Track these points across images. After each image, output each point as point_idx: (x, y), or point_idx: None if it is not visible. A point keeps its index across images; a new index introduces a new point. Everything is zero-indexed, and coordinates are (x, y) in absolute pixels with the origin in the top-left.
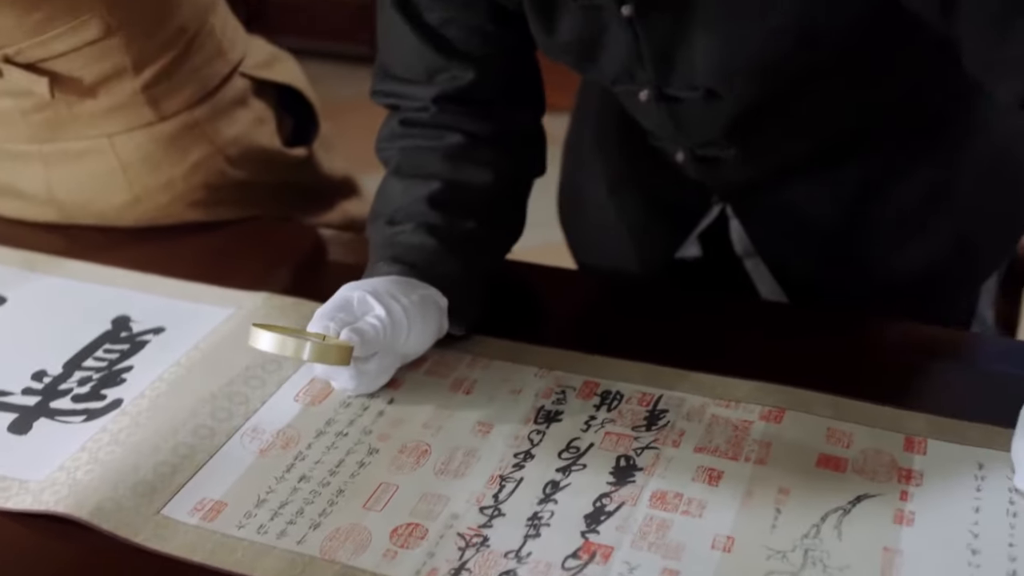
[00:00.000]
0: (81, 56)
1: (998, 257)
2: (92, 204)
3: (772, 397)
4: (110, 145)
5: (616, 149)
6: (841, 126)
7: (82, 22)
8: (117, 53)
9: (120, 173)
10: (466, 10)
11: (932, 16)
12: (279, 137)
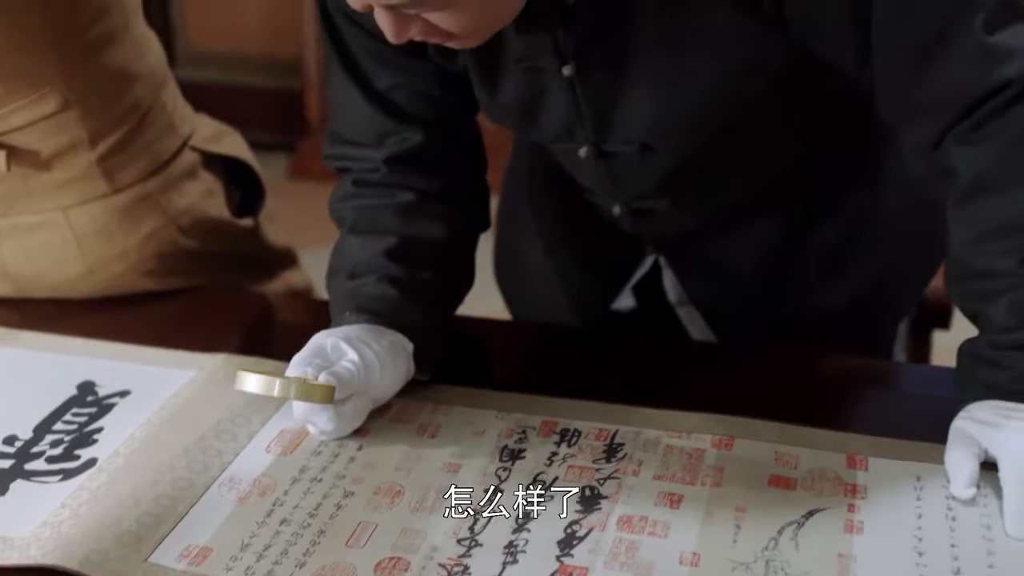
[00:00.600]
0: (38, 129)
1: (913, 296)
2: (46, 276)
3: (721, 427)
4: (64, 217)
5: (549, 209)
6: (765, 175)
7: (41, 96)
8: (74, 126)
9: (74, 245)
10: (413, 76)
11: (848, 67)
12: (227, 208)
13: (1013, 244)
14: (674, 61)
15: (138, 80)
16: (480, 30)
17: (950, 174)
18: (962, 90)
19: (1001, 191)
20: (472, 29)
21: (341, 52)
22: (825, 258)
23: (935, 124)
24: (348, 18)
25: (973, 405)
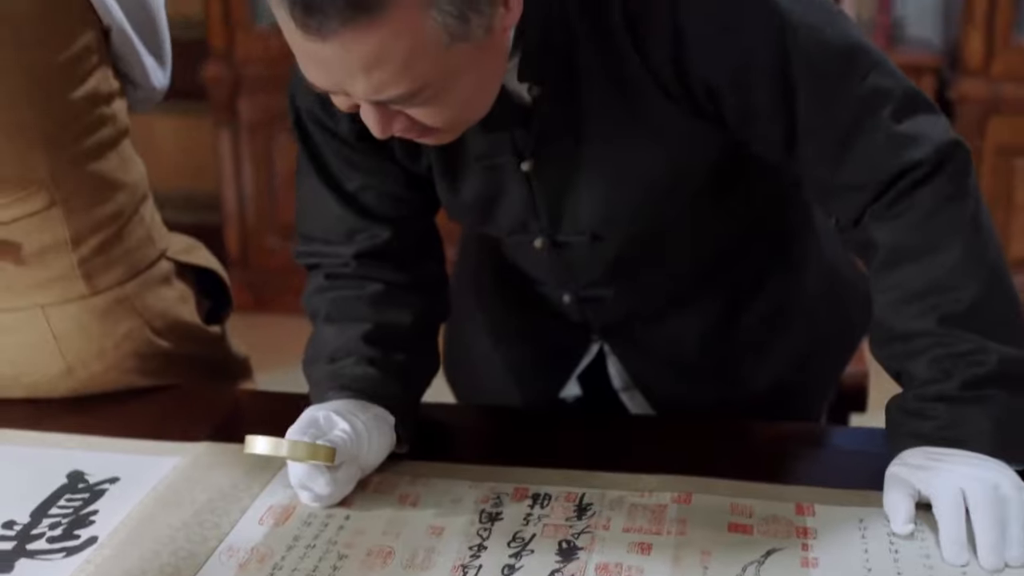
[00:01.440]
0: (24, 226)
1: (832, 380)
2: (25, 376)
3: (679, 485)
4: (43, 316)
5: (498, 304)
6: (700, 263)
7: (29, 193)
8: (58, 226)
9: (53, 343)
10: (381, 178)
11: (776, 156)
12: (198, 315)
13: (929, 305)
14: (621, 156)
15: (122, 190)
16: (456, 126)
17: (870, 247)
18: (876, 173)
19: (915, 260)
20: (450, 124)
21: (313, 157)
22: (753, 340)
23: (855, 203)
24: (320, 126)
25: (904, 452)
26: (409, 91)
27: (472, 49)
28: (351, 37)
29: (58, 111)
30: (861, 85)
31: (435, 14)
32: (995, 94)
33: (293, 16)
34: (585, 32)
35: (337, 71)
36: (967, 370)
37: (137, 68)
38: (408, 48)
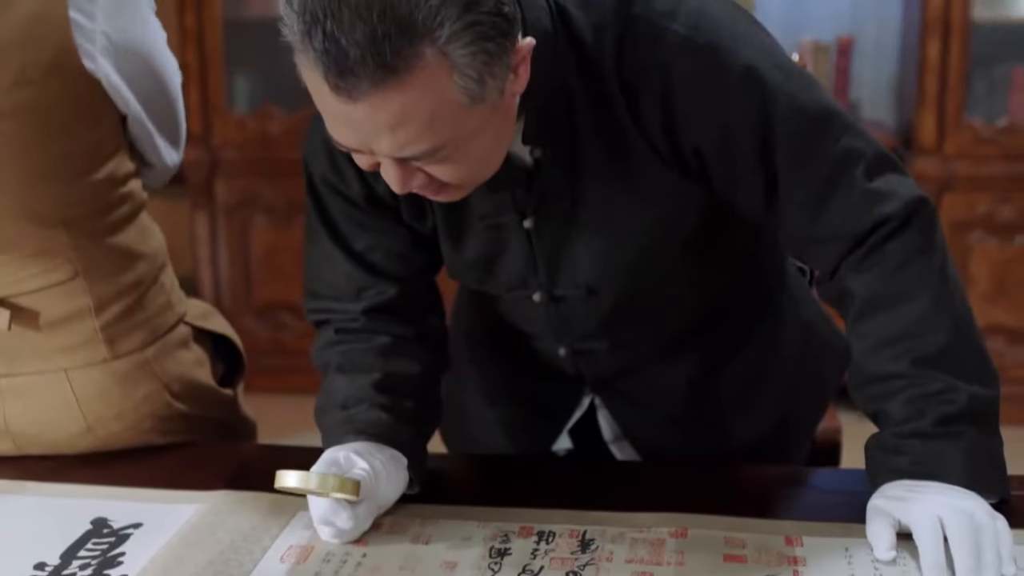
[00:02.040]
0: (48, 295)
1: (808, 434)
2: (46, 435)
3: (675, 521)
4: (66, 379)
5: (491, 361)
6: (687, 318)
7: (52, 265)
8: (81, 295)
9: (75, 405)
10: (389, 238)
11: (757, 212)
12: (212, 378)
13: (903, 350)
14: (616, 215)
15: (142, 260)
16: (470, 182)
17: (846, 297)
18: (850, 226)
19: (888, 309)
20: (465, 181)
21: (325, 219)
22: (736, 394)
23: (831, 255)
24: (332, 189)
25: (884, 486)
26: (431, 148)
27: (488, 110)
28: (380, 98)
29: (78, 193)
30: (835, 146)
31: (457, 77)
32: (948, 172)
33: (327, 79)
34: (583, 98)
35: (365, 130)
36: (939, 408)
37: (151, 151)
38: (432, 108)
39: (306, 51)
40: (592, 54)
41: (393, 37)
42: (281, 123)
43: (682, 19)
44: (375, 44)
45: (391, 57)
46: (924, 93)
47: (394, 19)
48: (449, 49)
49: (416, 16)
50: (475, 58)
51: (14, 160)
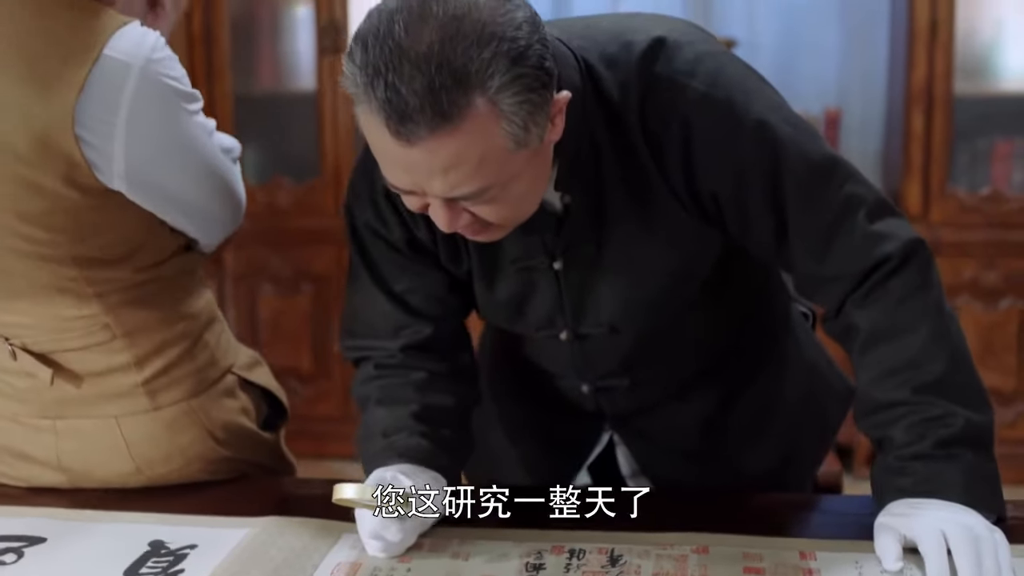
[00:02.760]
0: (89, 353)
1: (810, 473)
2: (97, 472)
3: (697, 540)
4: (117, 425)
5: (514, 400)
6: (701, 357)
7: (90, 331)
8: (121, 353)
9: (124, 448)
10: (426, 281)
11: (769, 252)
12: (256, 423)
13: (904, 379)
14: (639, 257)
15: (183, 321)
16: (510, 222)
17: (851, 331)
18: (854, 265)
19: (890, 340)
20: (506, 220)
21: (367, 262)
22: (745, 430)
23: (837, 292)
24: (375, 234)
25: (889, 504)
26: (478, 189)
27: (529, 155)
28: (436, 143)
29: (112, 275)
30: (839, 192)
31: (504, 124)
32: (934, 238)
33: (388, 125)
34: (610, 148)
35: (420, 172)
36: (938, 432)
37: (194, 234)
38: (481, 152)
39: (369, 100)
40: (618, 108)
41: (449, 87)
42: (289, 194)
43: (700, 77)
44: (432, 94)
45: (447, 106)
46: (910, 163)
47: (450, 71)
48: (498, 99)
49: (470, 68)
50: (521, 107)
51: (45, 252)
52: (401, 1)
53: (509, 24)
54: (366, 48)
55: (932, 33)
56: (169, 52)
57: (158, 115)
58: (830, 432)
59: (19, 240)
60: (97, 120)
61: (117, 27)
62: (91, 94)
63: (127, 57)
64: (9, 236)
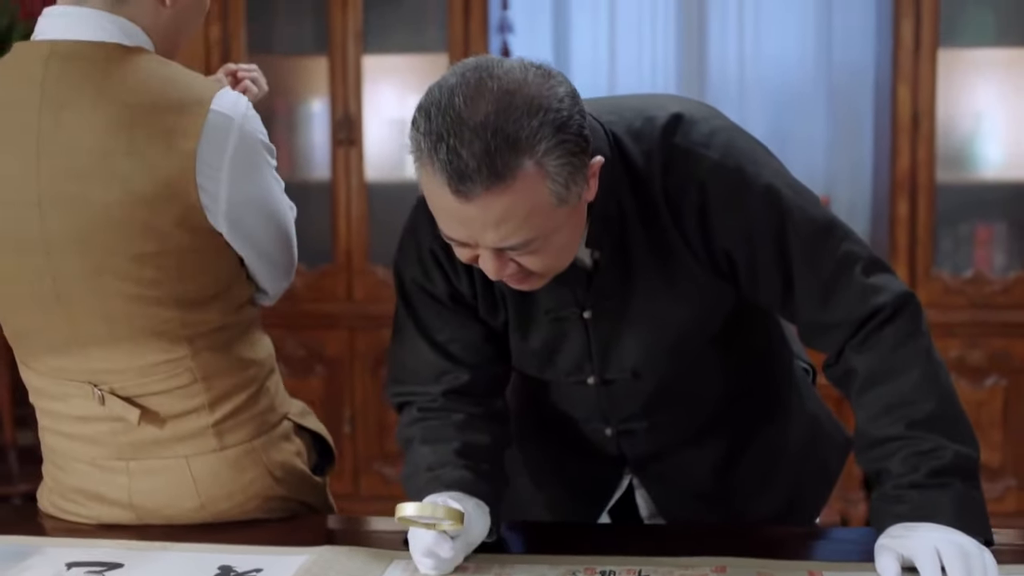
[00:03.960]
0: (171, 396)
1: (814, 513)
2: (165, 509)
3: (714, 562)
4: (186, 464)
5: (541, 447)
6: (713, 403)
7: (177, 372)
8: (198, 396)
9: (192, 485)
10: (466, 332)
11: (776, 304)
12: (308, 466)
13: (898, 416)
14: (658, 308)
15: (252, 367)
16: (550, 271)
17: (850, 374)
18: (852, 314)
19: (885, 382)
20: (546, 270)
21: (413, 315)
22: (752, 475)
23: (837, 339)
24: (421, 289)
25: (888, 529)
26: (525, 240)
27: (569, 211)
28: (490, 199)
29: (201, 317)
30: (838, 250)
31: (549, 183)
32: None
33: (448, 184)
34: (635, 210)
35: (475, 225)
36: (931, 463)
37: (264, 281)
38: (529, 208)
39: (431, 162)
40: (643, 175)
41: (503, 151)
42: (303, 278)
43: (714, 148)
44: (488, 156)
45: (501, 167)
46: (896, 247)
47: (503, 137)
48: (544, 161)
49: (520, 135)
50: (563, 168)
51: (151, 293)
52: (460, 77)
53: (553, 97)
54: (429, 118)
55: (915, 125)
56: (255, 112)
57: (251, 163)
58: (831, 480)
59: (130, 283)
60: (209, 166)
61: (216, 88)
62: (205, 143)
63: (230, 112)
64: (120, 280)
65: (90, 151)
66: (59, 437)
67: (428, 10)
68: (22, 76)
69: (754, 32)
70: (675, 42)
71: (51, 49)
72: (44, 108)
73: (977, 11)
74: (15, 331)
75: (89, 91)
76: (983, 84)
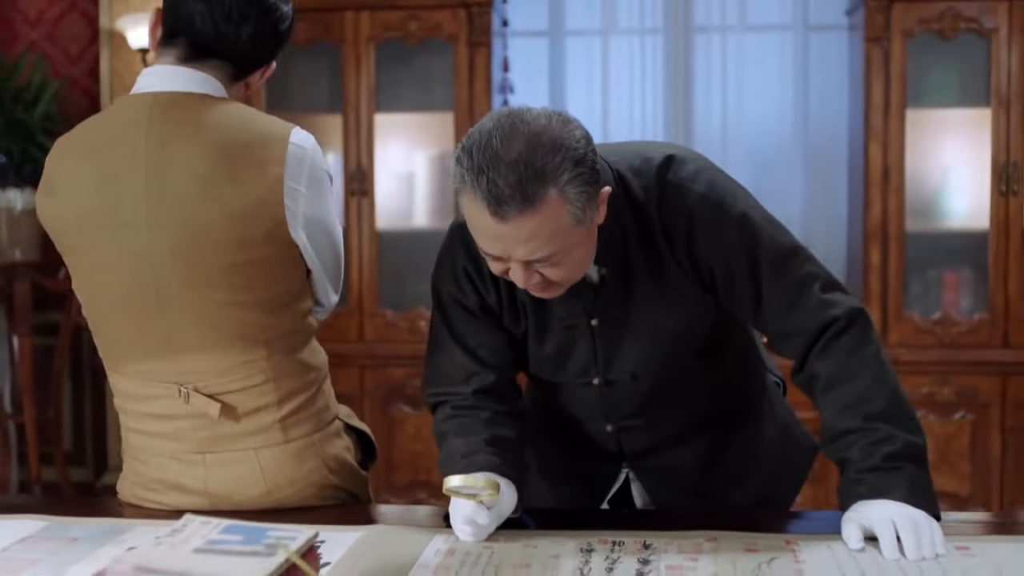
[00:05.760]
0: (245, 393)
1: (787, 507)
2: (235, 496)
3: (708, 534)
4: (256, 456)
5: (549, 447)
6: (697, 405)
7: (251, 374)
8: (269, 394)
9: (260, 475)
10: (492, 338)
11: (748, 315)
12: (355, 461)
13: (856, 411)
14: (655, 318)
15: (312, 371)
16: (568, 282)
17: (814, 379)
18: (811, 324)
19: (844, 383)
20: (565, 280)
21: (447, 323)
22: (731, 471)
23: (799, 345)
24: (456, 302)
25: (851, 506)
26: (548, 254)
27: (585, 231)
28: (521, 220)
29: (277, 322)
30: (800, 270)
31: (569, 207)
32: (893, 358)
33: (488, 208)
34: (635, 234)
35: (508, 242)
36: (885, 449)
37: (322, 294)
38: (553, 227)
39: (474, 191)
40: (641, 205)
41: (532, 181)
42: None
43: (700, 183)
44: (521, 185)
45: (531, 194)
46: (869, 292)
47: (533, 170)
48: (566, 189)
49: (547, 168)
50: (580, 195)
51: (239, 298)
52: (496, 123)
53: (572, 138)
54: (471, 155)
55: (885, 179)
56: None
57: (319, 186)
58: (800, 479)
59: (223, 290)
60: (291, 188)
61: (290, 126)
62: (288, 169)
63: (304, 144)
64: (214, 288)
65: (194, 178)
66: (142, 436)
67: (435, 72)
68: (129, 120)
69: (737, 94)
70: (663, 105)
71: (153, 99)
72: (150, 145)
73: (942, 74)
74: (112, 340)
75: (189, 130)
76: (948, 141)
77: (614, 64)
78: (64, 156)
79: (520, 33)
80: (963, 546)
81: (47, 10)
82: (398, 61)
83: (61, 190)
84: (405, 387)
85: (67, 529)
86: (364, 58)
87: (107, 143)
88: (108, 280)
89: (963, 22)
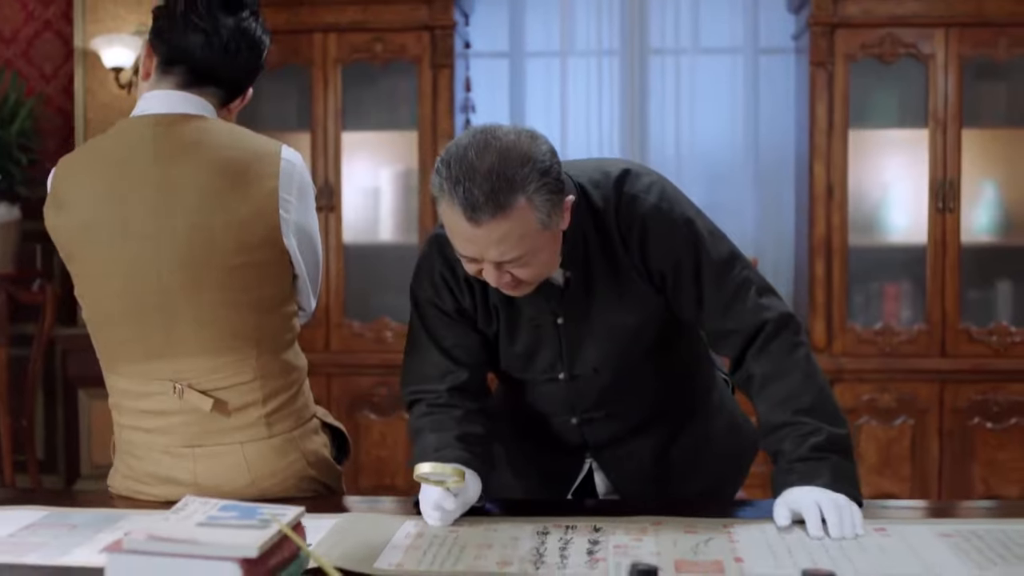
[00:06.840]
0: (234, 390)
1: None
2: (223, 487)
3: (653, 519)
4: (241, 449)
5: (516, 442)
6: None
7: (242, 370)
8: (256, 391)
9: (245, 467)
10: (467, 339)
11: (692, 315)
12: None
13: (788, 407)
14: (613, 316)
15: (294, 371)
16: (536, 280)
17: (750, 378)
18: (746, 324)
19: (777, 381)
20: (533, 279)
21: (425, 325)
22: (683, 461)
23: (735, 344)
24: (432, 305)
25: (782, 493)
26: (518, 256)
27: (551, 235)
28: (493, 224)
29: (267, 322)
30: (738, 276)
31: (536, 213)
32: (837, 367)
33: (464, 213)
34: (595, 240)
35: (481, 244)
36: (811, 440)
37: (304, 299)
38: (522, 231)
39: (452, 199)
40: (601, 214)
41: (504, 190)
42: None
43: (652, 194)
44: (494, 193)
45: (502, 201)
46: (815, 303)
47: (504, 179)
48: (533, 197)
49: (516, 178)
50: (546, 203)
51: (236, 298)
52: (471, 138)
53: (539, 152)
54: (449, 166)
55: (829, 196)
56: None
57: (306, 197)
58: (745, 468)
59: (223, 291)
60: (284, 199)
61: (279, 143)
62: (282, 182)
63: (293, 159)
64: (214, 290)
65: (200, 190)
66: (137, 432)
67: (400, 92)
68: (135, 139)
69: (690, 113)
70: (619, 123)
71: (156, 120)
72: (157, 161)
73: (882, 97)
74: (111, 342)
75: (191, 147)
76: (888, 160)
77: (572, 84)
78: (72, 173)
79: (482, 54)
80: (881, 527)
81: (22, 29)
82: (364, 81)
83: (70, 204)
84: (371, 395)
85: (67, 517)
86: (332, 79)
87: (115, 160)
88: (112, 286)
89: (902, 47)
